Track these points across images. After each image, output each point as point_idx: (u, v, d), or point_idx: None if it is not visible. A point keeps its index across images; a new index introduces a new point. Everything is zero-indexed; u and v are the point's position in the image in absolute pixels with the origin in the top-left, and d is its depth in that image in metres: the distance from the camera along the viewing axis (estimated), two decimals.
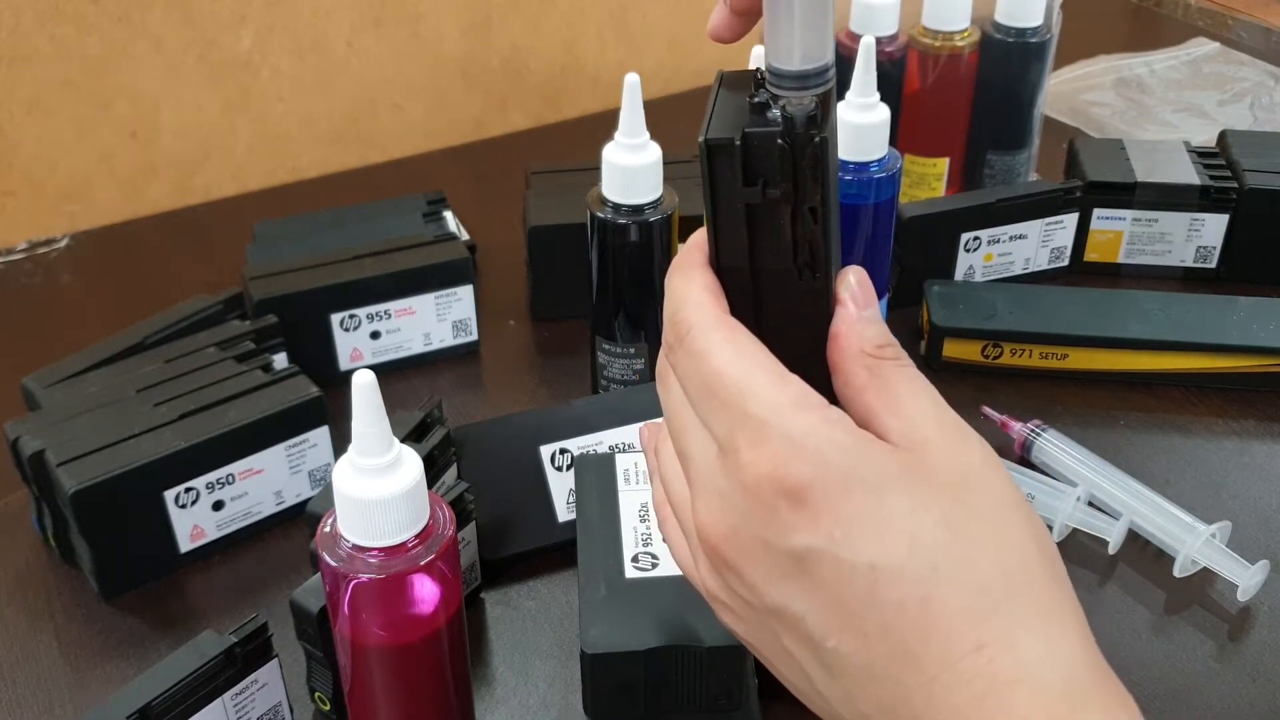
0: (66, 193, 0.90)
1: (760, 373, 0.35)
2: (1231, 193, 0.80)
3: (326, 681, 0.52)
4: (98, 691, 0.56)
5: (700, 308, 0.37)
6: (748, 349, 0.36)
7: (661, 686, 0.48)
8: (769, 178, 0.35)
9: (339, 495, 0.43)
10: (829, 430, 0.34)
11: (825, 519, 0.33)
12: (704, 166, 0.36)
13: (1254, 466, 0.68)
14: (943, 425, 0.35)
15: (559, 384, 0.75)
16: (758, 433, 0.34)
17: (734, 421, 0.35)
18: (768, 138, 0.34)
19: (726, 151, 0.35)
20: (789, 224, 0.36)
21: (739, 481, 0.34)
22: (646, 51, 1.10)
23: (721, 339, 0.36)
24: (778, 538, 0.34)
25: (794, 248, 0.36)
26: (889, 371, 0.36)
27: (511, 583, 0.61)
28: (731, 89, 0.37)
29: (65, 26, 0.86)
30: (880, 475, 0.34)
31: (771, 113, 0.35)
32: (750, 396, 0.35)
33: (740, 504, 0.35)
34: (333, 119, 0.98)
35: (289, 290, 0.71)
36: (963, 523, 0.33)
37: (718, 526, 0.36)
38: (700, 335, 0.36)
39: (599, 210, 0.65)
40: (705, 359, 0.36)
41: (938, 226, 0.79)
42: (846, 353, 0.37)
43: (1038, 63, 0.85)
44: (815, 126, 0.34)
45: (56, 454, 0.58)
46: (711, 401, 0.36)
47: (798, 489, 0.33)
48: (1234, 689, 0.56)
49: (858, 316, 0.37)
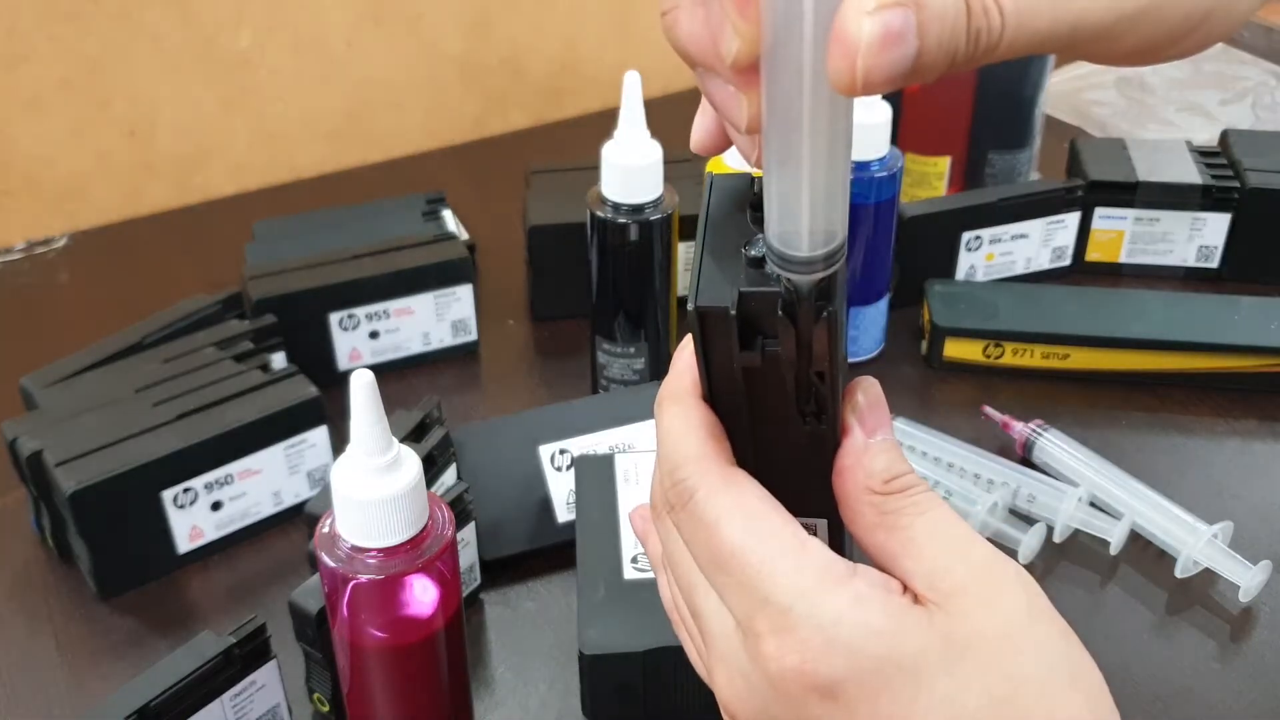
0: (65, 192, 0.90)
1: (778, 546, 0.32)
2: (1233, 192, 0.80)
3: (325, 682, 0.52)
4: (96, 692, 0.56)
5: (701, 464, 0.33)
6: (760, 515, 0.33)
7: (660, 688, 0.48)
8: (768, 337, 0.31)
9: (338, 496, 0.43)
10: (860, 614, 0.31)
11: (862, 713, 0.31)
12: (694, 330, 0.32)
13: (1256, 467, 0.68)
14: (973, 568, 0.32)
15: (559, 384, 0.75)
16: (781, 619, 0.31)
17: (754, 605, 0.32)
18: (767, 302, 0.30)
19: (721, 319, 0.31)
20: (792, 378, 0.32)
21: (762, 670, 0.32)
22: (646, 51, 1.10)
23: (731, 505, 0.33)
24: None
25: (797, 399, 0.33)
26: (900, 508, 0.33)
27: (511, 583, 0.61)
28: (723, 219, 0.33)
29: (64, 25, 0.86)
30: (916, 659, 0.31)
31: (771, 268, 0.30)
32: (770, 579, 0.31)
33: (766, 691, 0.32)
34: (332, 118, 0.98)
35: (288, 290, 0.70)
36: (1010, 694, 0.31)
37: (743, 704, 0.33)
38: (707, 502, 0.33)
39: (599, 209, 0.65)
40: (714, 531, 0.32)
41: (939, 226, 0.79)
42: (851, 490, 0.34)
43: (1039, 61, 0.85)
44: (824, 297, 0.30)
45: (54, 454, 0.58)
46: (726, 578, 0.33)
47: (829, 685, 0.31)
48: (1235, 689, 0.56)
49: (864, 446, 0.33)
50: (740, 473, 0.34)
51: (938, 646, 0.31)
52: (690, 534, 0.34)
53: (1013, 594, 0.32)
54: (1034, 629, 0.32)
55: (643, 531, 0.41)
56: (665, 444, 0.34)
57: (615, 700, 0.49)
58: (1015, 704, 0.31)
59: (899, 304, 0.78)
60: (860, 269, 0.72)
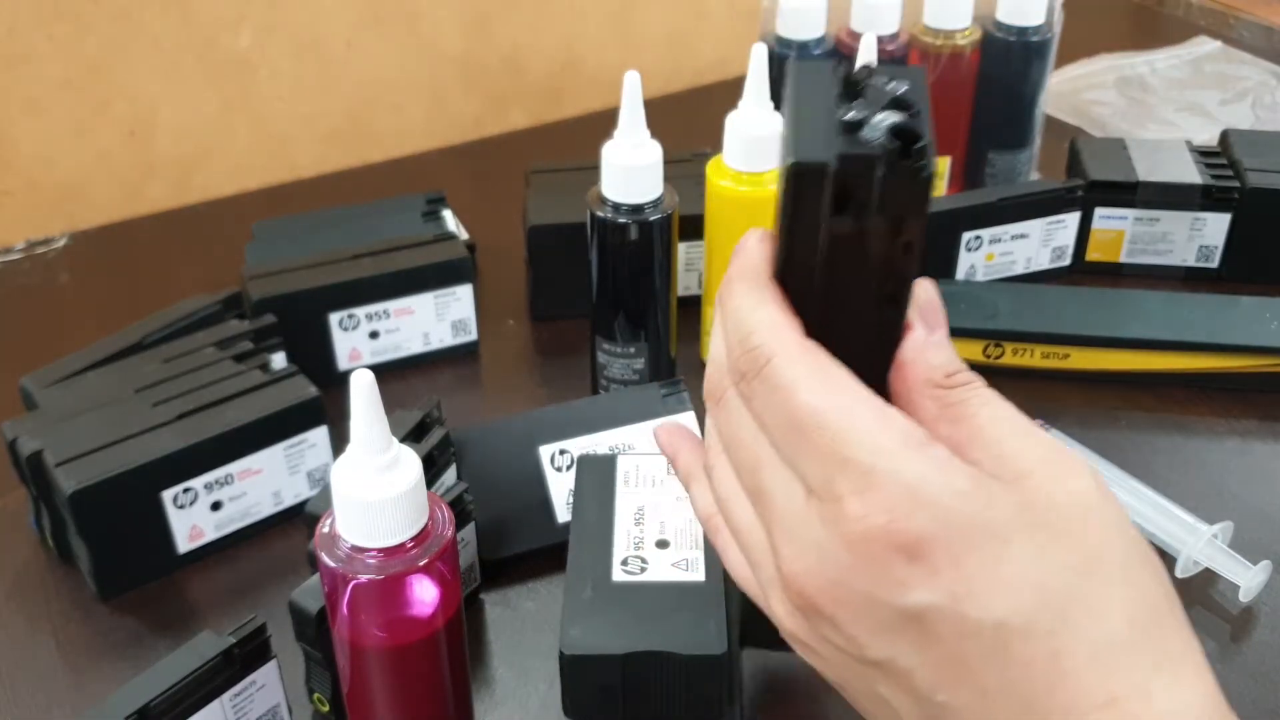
0: (65, 192, 0.90)
1: (861, 409, 0.32)
2: (1233, 192, 0.80)
3: (325, 682, 0.52)
4: (96, 692, 0.56)
5: (778, 332, 0.33)
6: (842, 381, 0.32)
7: (640, 692, 0.48)
8: (863, 207, 0.31)
9: (338, 496, 0.43)
10: (945, 475, 0.31)
11: (947, 575, 0.31)
12: (787, 187, 0.31)
13: (1256, 466, 0.68)
14: (1039, 453, 0.32)
15: (559, 384, 0.75)
16: (865, 480, 0.31)
17: (834, 466, 0.31)
18: (867, 164, 0.30)
19: (817, 176, 0.31)
20: (880, 251, 0.32)
21: (842, 534, 0.31)
22: (646, 51, 1.10)
23: (810, 371, 0.32)
24: (890, 594, 0.31)
25: (879, 280, 0.33)
26: (964, 399, 0.33)
27: (511, 584, 0.61)
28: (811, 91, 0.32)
29: (63, 26, 0.86)
30: (1002, 522, 0.31)
31: (868, 131, 0.30)
32: (853, 438, 0.31)
33: (843, 557, 0.31)
34: (332, 118, 0.98)
35: (288, 290, 0.70)
36: (1090, 566, 0.31)
37: (813, 578, 0.32)
38: (785, 366, 0.32)
39: (599, 209, 0.65)
40: (793, 394, 0.32)
41: (939, 225, 0.79)
42: (914, 384, 0.34)
43: (1039, 61, 0.85)
44: (923, 157, 0.30)
45: (54, 454, 0.58)
46: (803, 443, 0.32)
47: (917, 543, 0.30)
48: (1235, 689, 0.56)
49: (926, 342, 0.34)
50: (814, 343, 0.33)
51: (1019, 514, 0.31)
52: (764, 401, 0.33)
53: (1081, 475, 0.32)
54: (1104, 508, 0.32)
55: (671, 447, 0.40)
56: (737, 315, 0.34)
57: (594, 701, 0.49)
58: (1098, 574, 0.31)
59: None
60: None
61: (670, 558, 0.51)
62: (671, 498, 0.53)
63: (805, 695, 0.55)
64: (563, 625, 0.48)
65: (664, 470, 0.55)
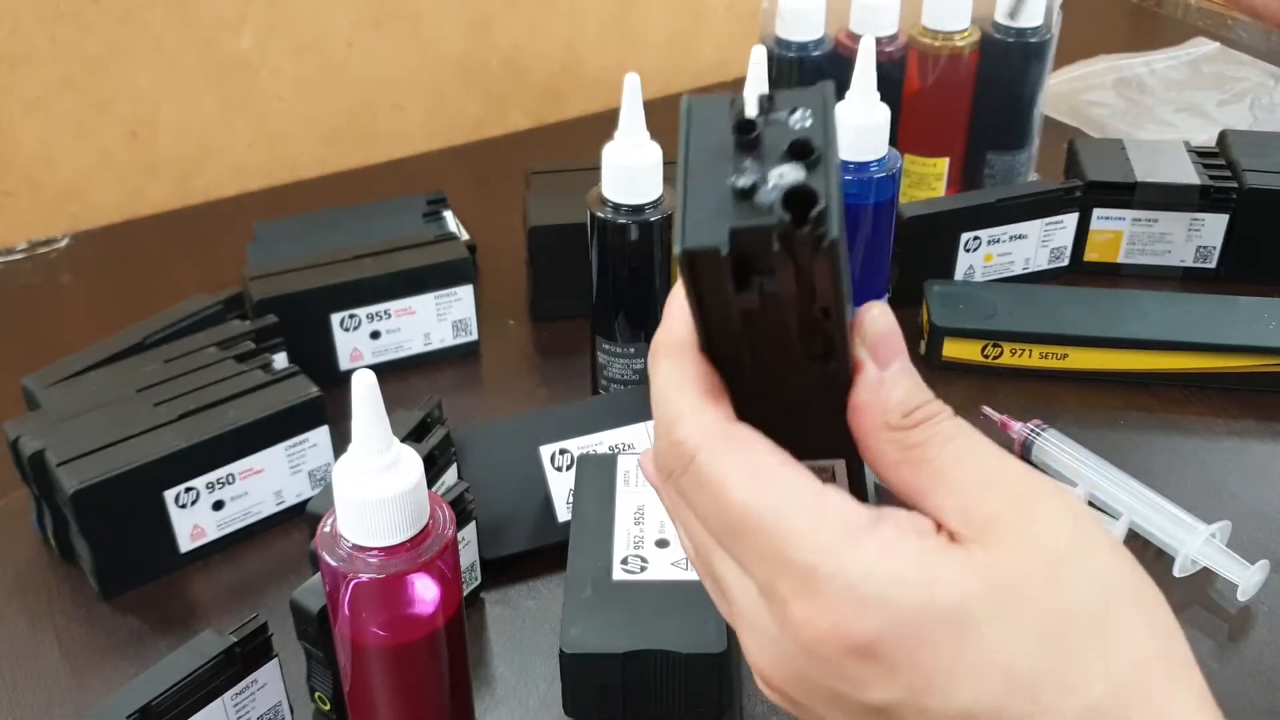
0: (66, 193, 0.91)
1: (793, 503, 0.29)
2: (1231, 193, 0.80)
3: (326, 681, 0.52)
4: (98, 691, 0.56)
5: (700, 420, 0.31)
6: (770, 470, 0.30)
7: (640, 690, 0.48)
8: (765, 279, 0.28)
9: (339, 495, 0.43)
10: (890, 565, 0.29)
11: (904, 672, 0.29)
12: (684, 275, 0.29)
13: (1254, 466, 0.68)
14: (1009, 495, 0.30)
15: (559, 384, 0.75)
16: (806, 584, 0.29)
17: (774, 570, 0.29)
18: (761, 237, 0.28)
19: (711, 260, 0.28)
20: (794, 319, 0.30)
21: (793, 637, 0.30)
22: (646, 51, 1.10)
23: (736, 464, 0.30)
24: (851, 692, 0.30)
25: (802, 339, 0.30)
26: (924, 441, 0.31)
27: (511, 582, 0.61)
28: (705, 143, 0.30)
29: (65, 26, 0.86)
30: (957, 607, 0.28)
31: (762, 196, 0.28)
32: (790, 539, 0.29)
33: (798, 658, 0.30)
34: (333, 119, 0.98)
35: (289, 290, 0.71)
36: (1062, 631, 0.29)
37: (777, 671, 0.31)
38: (709, 464, 0.30)
39: (599, 210, 0.65)
40: (722, 494, 0.30)
41: (938, 226, 0.79)
42: (869, 429, 0.31)
43: (1038, 63, 0.85)
44: (821, 223, 0.27)
45: (56, 454, 0.58)
46: (740, 543, 0.30)
47: (868, 645, 0.29)
48: (1234, 689, 0.56)
49: (879, 380, 0.31)
50: (743, 427, 0.31)
51: (979, 590, 0.29)
52: (696, 500, 0.31)
53: (1054, 518, 0.30)
54: (1082, 554, 0.30)
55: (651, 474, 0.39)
56: (661, 402, 0.32)
57: (594, 700, 0.49)
58: (1070, 639, 0.29)
59: (898, 304, 0.78)
60: (859, 269, 0.72)
61: (670, 557, 0.51)
62: None
63: None
64: (563, 624, 0.48)
65: None
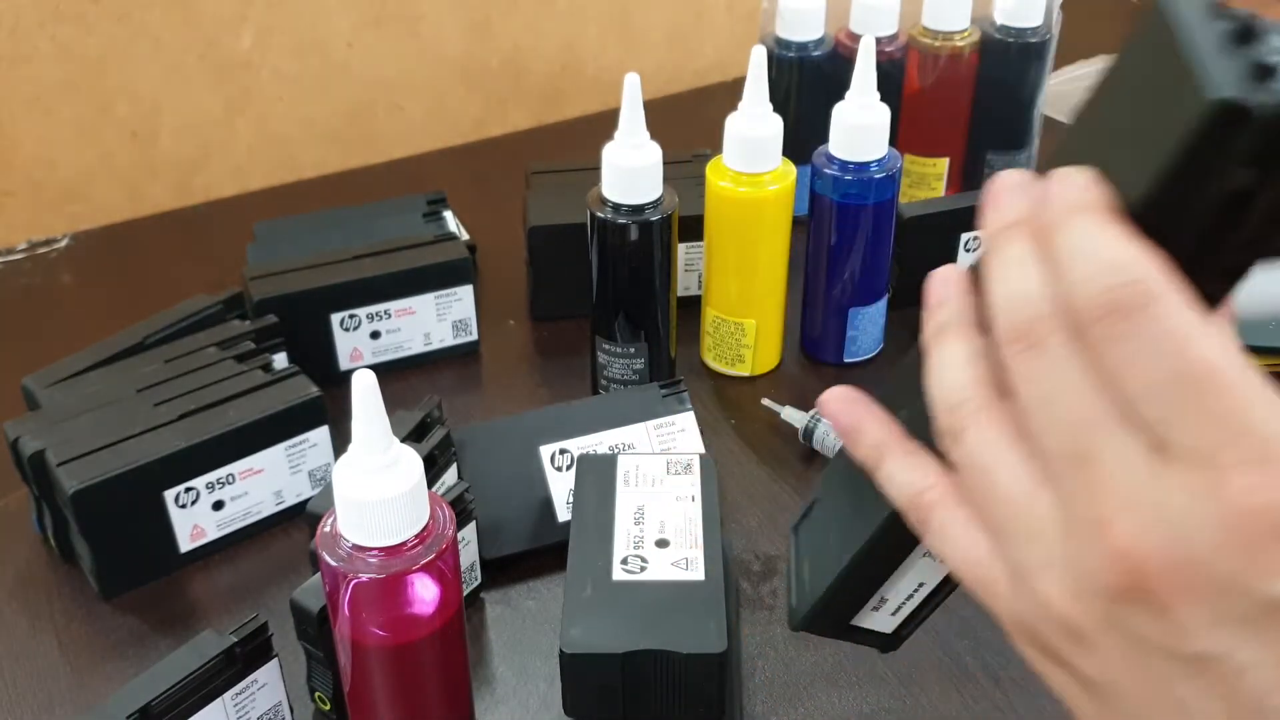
0: (67, 193, 0.91)
1: (1256, 376, 0.28)
2: None
3: (326, 681, 0.52)
4: (98, 691, 0.56)
5: (1161, 270, 0.28)
6: (1235, 343, 0.28)
7: (639, 691, 0.48)
8: (1272, 163, 0.27)
9: (339, 495, 0.43)
10: None
11: None
12: (1195, 125, 0.27)
13: None
14: None
15: (559, 384, 0.75)
16: (1260, 452, 0.27)
17: (1227, 433, 0.27)
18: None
19: (1236, 118, 0.26)
20: (1255, 221, 0.28)
21: (1218, 507, 0.27)
22: (646, 51, 1.10)
23: (1205, 322, 0.28)
24: (1258, 580, 0.27)
25: (1237, 248, 0.29)
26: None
27: (511, 582, 0.61)
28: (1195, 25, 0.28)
29: (65, 26, 0.86)
30: None
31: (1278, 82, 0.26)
32: (1255, 407, 0.27)
33: (1211, 534, 0.28)
34: (333, 119, 0.98)
35: (289, 290, 0.71)
36: None
37: (1161, 554, 0.28)
38: (1176, 311, 0.28)
39: (599, 210, 0.65)
40: (1188, 343, 0.28)
41: (938, 226, 0.79)
42: None
43: (1038, 63, 0.85)
44: None
45: (56, 454, 0.58)
46: (1190, 401, 0.28)
47: None
48: None
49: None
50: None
51: None
52: (1137, 346, 0.28)
53: None
54: None
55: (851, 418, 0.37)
56: (1093, 245, 0.29)
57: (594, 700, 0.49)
58: None
59: (898, 304, 0.78)
60: (859, 269, 0.72)
61: (670, 557, 0.51)
62: (671, 497, 0.54)
63: (805, 695, 0.55)
64: (563, 624, 0.48)
65: (664, 470, 0.55)
